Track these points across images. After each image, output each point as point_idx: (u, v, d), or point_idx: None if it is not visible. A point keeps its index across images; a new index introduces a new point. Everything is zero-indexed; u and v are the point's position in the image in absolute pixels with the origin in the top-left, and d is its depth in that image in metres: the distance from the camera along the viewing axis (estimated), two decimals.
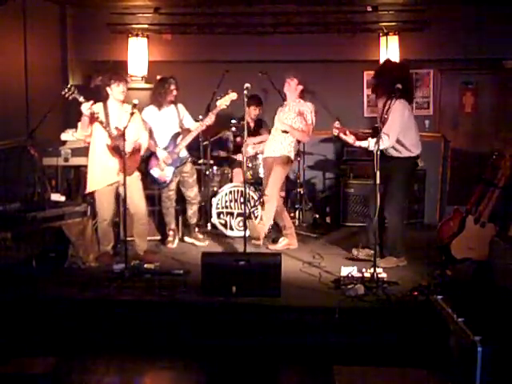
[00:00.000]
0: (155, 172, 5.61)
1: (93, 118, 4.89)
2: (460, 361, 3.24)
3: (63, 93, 4.82)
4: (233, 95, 5.47)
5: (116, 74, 5.08)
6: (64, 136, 6.00)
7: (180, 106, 5.70)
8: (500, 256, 4.27)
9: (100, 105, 5.04)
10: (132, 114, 4.78)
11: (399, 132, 4.83)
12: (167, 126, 5.60)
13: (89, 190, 5.15)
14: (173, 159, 5.58)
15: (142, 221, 5.20)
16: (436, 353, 3.62)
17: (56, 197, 5.56)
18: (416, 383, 3.53)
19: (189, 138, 5.61)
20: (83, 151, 5.30)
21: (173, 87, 5.56)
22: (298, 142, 5.78)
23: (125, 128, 4.70)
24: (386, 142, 4.75)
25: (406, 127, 4.89)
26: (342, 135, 4.93)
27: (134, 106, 4.81)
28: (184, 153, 5.66)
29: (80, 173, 5.93)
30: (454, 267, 4.73)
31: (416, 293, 4.26)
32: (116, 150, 4.96)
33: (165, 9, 7.07)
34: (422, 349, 3.71)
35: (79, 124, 4.98)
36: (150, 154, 5.60)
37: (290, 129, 5.47)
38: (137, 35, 7.02)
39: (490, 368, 3.03)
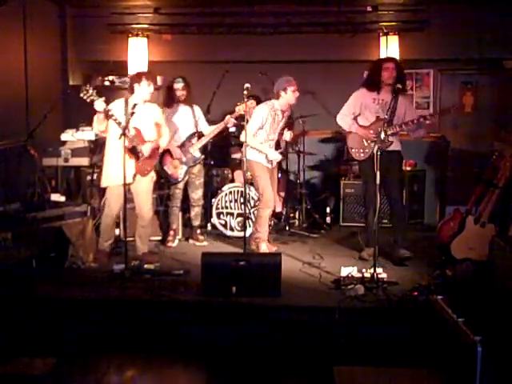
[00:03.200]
0: (168, 169, 5.65)
1: (107, 115, 4.81)
2: (460, 361, 3.24)
3: (81, 94, 4.70)
4: (251, 102, 5.58)
5: (149, 73, 5.14)
6: (64, 136, 6.00)
7: (196, 107, 5.76)
8: (500, 256, 4.27)
9: (121, 100, 5.01)
10: (132, 113, 4.77)
11: None
12: (181, 125, 5.66)
13: (103, 185, 5.11)
14: (187, 158, 5.62)
15: (143, 223, 5.16)
16: (436, 353, 3.62)
17: (56, 197, 5.56)
18: (416, 383, 3.53)
19: (204, 140, 5.68)
20: (83, 151, 5.30)
21: (176, 86, 5.60)
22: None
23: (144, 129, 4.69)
24: None
25: None
26: None
27: (134, 106, 4.80)
28: (198, 153, 5.70)
29: (80, 173, 5.94)
30: (454, 267, 4.72)
31: (416, 293, 4.25)
32: (133, 152, 4.92)
33: (165, 9, 7.07)
34: (422, 349, 3.71)
35: (95, 118, 4.88)
36: (164, 151, 5.64)
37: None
38: (137, 35, 7.02)
39: (490, 368, 3.03)
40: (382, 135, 4.71)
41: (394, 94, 4.86)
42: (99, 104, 4.74)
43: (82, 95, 4.71)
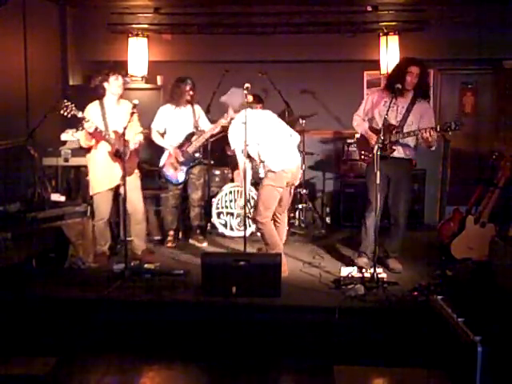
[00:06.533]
0: (168, 170, 5.65)
1: (96, 132, 4.89)
2: (460, 361, 3.24)
3: (61, 112, 4.77)
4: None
5: (114, 69, 5.10)
6: (64, 136, 6.00)
7: (197, 106, 5.76)
8: (500, 256, 4.27)
9: (96, 103, 5.05)
10: (132, 113, 4.78)
11: None
12: (182, 125, 5.66)
13: (92, 192, 5.15)
14: (186, 158, 5.62)
15: (138, 220, 5.21)
16: (436, 353, 3.62)
17: (56, 197, 5.55)
18: (416, 383, 3.53)
19: (202, 139, 5.66)
20: (83, 151, 5.29)
21: (189, 88, 5.61)
22: None
23: (125, 128, 4.69)
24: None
25: None
26: None
27: (134, 106, 4.81)
28: (197, 153, 5.70)
29: (80, 173, 5.93)
30: (454, 267, 4.73)
31: (416, 293, 4.26)
32: (117, 155, 4.99)
33: (165, 9, 7.06)
34: (422, 349, 3.71)
35: (82, 135, 4.99)
36: (164, 152, 5.66)
37: None
38: (137, 35, 7.01)
39: (489, 368, 3.03)
40: (381, 141, 4.52)
41: (413, 99, 4.74)
42: (89, 125, 4.81)
43: (62, 112, 4.77)
